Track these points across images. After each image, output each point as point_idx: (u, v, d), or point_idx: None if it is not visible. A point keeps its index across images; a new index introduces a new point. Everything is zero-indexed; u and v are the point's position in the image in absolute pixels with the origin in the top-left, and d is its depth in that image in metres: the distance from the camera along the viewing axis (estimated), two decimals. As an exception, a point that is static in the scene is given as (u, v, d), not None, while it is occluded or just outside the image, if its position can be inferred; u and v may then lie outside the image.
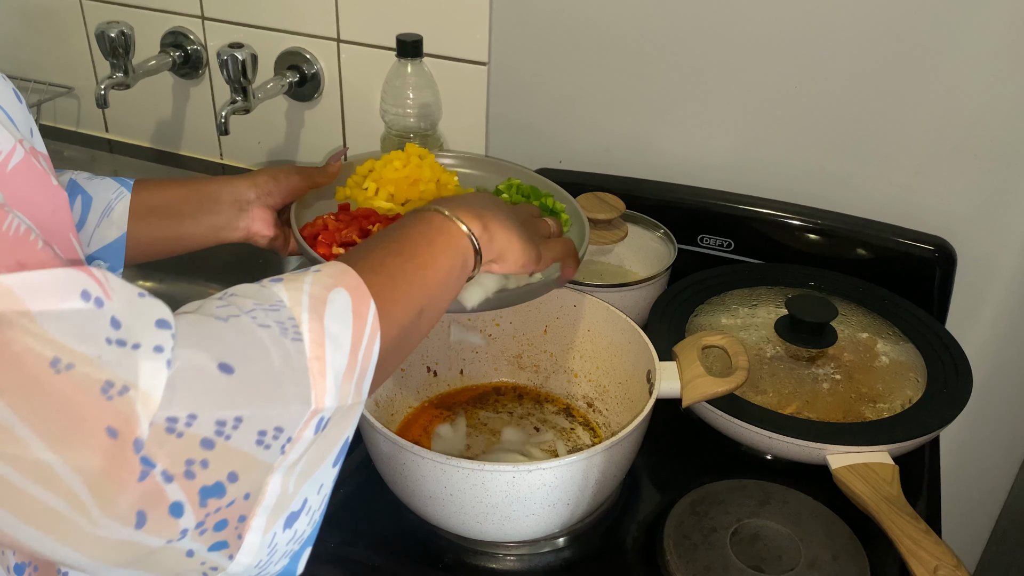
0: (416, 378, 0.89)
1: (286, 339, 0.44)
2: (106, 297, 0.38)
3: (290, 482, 0.44)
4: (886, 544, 0.72)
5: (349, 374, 0.46)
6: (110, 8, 1.25)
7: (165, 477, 0.38)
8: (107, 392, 0.37)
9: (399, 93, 1.04)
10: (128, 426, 0.37)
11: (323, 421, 0.45)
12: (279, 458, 0.42)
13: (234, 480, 0.40)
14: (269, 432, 0.42)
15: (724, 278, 1.00)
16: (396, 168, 0.84)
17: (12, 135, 0.42)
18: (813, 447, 0.79)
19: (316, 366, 0.44)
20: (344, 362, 0.46)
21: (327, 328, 0.46)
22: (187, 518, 0.39)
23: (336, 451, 0.47)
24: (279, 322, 0.44)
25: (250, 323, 0.43)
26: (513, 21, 1.07)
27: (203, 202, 0.75)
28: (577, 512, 0.72)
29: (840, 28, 0.95)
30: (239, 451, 0.40)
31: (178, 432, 0.38)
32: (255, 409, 0.41)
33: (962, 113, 0.95)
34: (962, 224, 1.00)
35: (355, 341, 0.47)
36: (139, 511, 0.38)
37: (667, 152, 1.09)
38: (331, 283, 0.48)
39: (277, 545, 0.44)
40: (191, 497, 0.39)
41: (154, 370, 0.38)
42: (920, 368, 0.88)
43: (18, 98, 0.47)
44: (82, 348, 0.37)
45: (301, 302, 0.46)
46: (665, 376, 0.77)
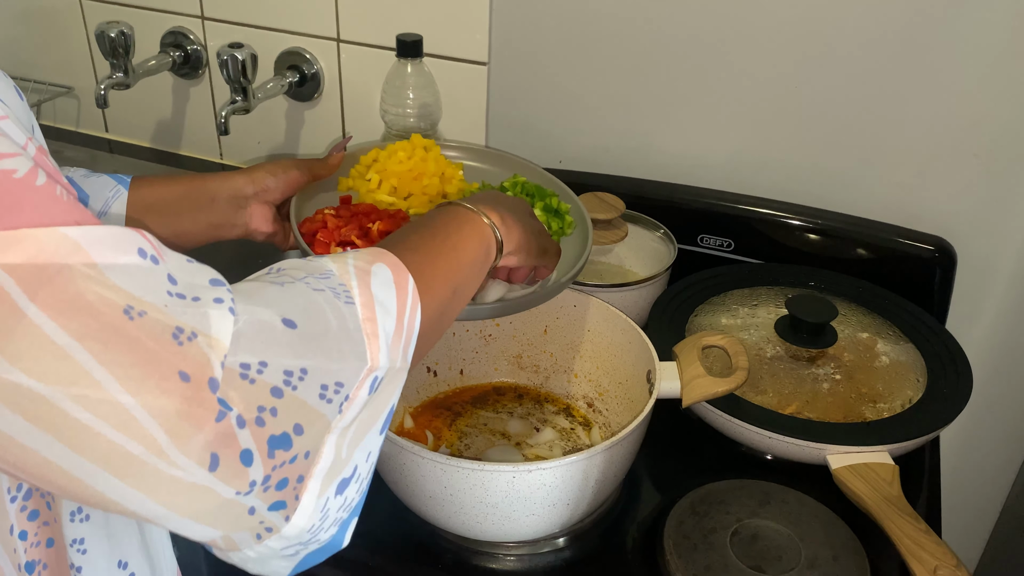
0: (416, 378, 0.89)
1: (339, 302, 0.46)
2: (160, 257, 0.40)
3: (344, 445, 0.44)
4: (886, 544, 0.72)
5: (397, 338, 0.48)
6: (110, 8, 1.25)
7: (238, 421, 0.39)
8: (178, 338, 0.38)
9: (399, 93, 1.04)
10: (200, 369, 0.38)
11: (377, 380, 0.46)
12: (337, 417, 0.43)
13: (299, 432, 0.41)
14: (331, 386, 0.43)
15: (724, 278, 1.00)
16: (400, 160, 0.84)
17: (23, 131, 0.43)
18: (813, 447, 0.79)
19: (369, 327, 0.46)
20: (393, 326, 0.48)
21: (375, 294, 0.48)
22: (256, 468, 0.40)
23: (383, 418, 0.48)
24: (331, 287, 0.46)
25: (305, 288, 0.45)
26: (513, 21, 1.07)
27: (200, 199, 0.75)
28: (577, 512, 0.72)
29: (840, 28, 0.95)
30: (304, 402, 0.41)
31: (251, 378, 0.39)
32: (318, 362, 0.43)
33: (962, 113, 0.95)
34: (962, 224, 1.00)
35: (400, 308, 0.49)
36: (213, 453, 0.38)
37: (667, 152, 1.09)
38: (372, 259, 0.50)
39: (329, 510, 0.45)
40: (260, 446, 0.40)
41: (220, 317, 0.40)
42: (920, 368, 0.88)
43: (20, 96, 0.48)
44: (150, 298, 0.38)
45: (348, 271, 0.48)
46: (665, 376, 0.77)
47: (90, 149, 1.36)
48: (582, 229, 0.82)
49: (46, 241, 0.36)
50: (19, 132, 0.42)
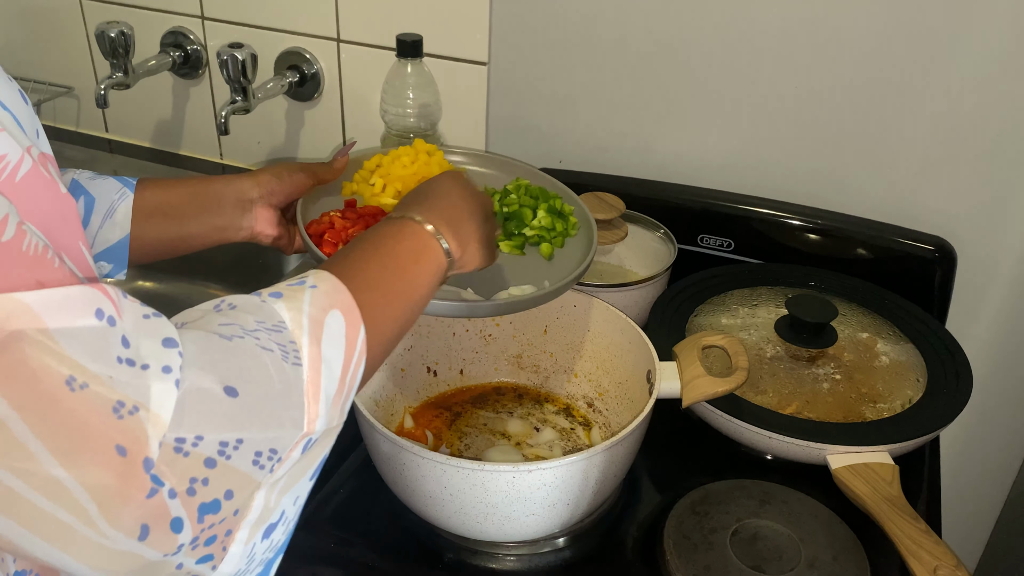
0: (416, 378, 0.89)
1: (287, 364, 0.45)
2: (117, 316, 0.40)
3: (272, 496, 0.45)
4: (886, 544, 0.72)
5: (338, 398, 0.48)
6: (110, 8, 1.25)
7: (170, 494, 0.39)
8: (118, 412, 0.38)
9: (399, 93, 1.04)
10: (137, 445, 0.38)
11: (310, 442, 0.46)
12: (268, 476, 0.44)
13: (229, 497, 0.42)
14: (264, 453, 0.43)
15: (724, 278, 1.00)
16: (404, 164, 0.84)
17: (20, 144, 0.43)
18: (813, 447, 0.79)
19: (311, 391, 0.46)
20: (335, 387, 0.48)
21: (324, 353, 0.47)
22: (185, 533, 0.40)
23: (315, 467, 0.48)
24: (281, 345, 0.46)
25: (254, 346, 0.44)
26: (513, 21, 1.07)
27: (206, 202, 0.75)
28: (577, 512, 0.72)
29: (840, 28, 0.95)
30: (237, 470, 0.42)
31: (185, 451, 0.40)
32: (255, 431, 0.43)
33: (962, 114, 0.95)
34: (962, 224, 1.00)
35: (345, 366, 0.49)
36: (143, 524, 0.39)
37: (667, 152, 1.09)
38: (328, 304, 0.49)
39: (255, 554, 0.46)
40: (191, 513, 0.40)
41: (164, 391, 0.39)
42: (920, 368, 0.88)
43: (24, 99, 0.48)
44: (95, 367, 0.38)
45: (302, 325, 0.47)
46: (665, 376, 0.77)
47: (90, 149, 1.36)
48: (586, 230, 0.82)
49: (0, 307, 0.36)
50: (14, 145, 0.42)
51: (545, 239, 0.81)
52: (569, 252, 0.80)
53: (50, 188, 0.44)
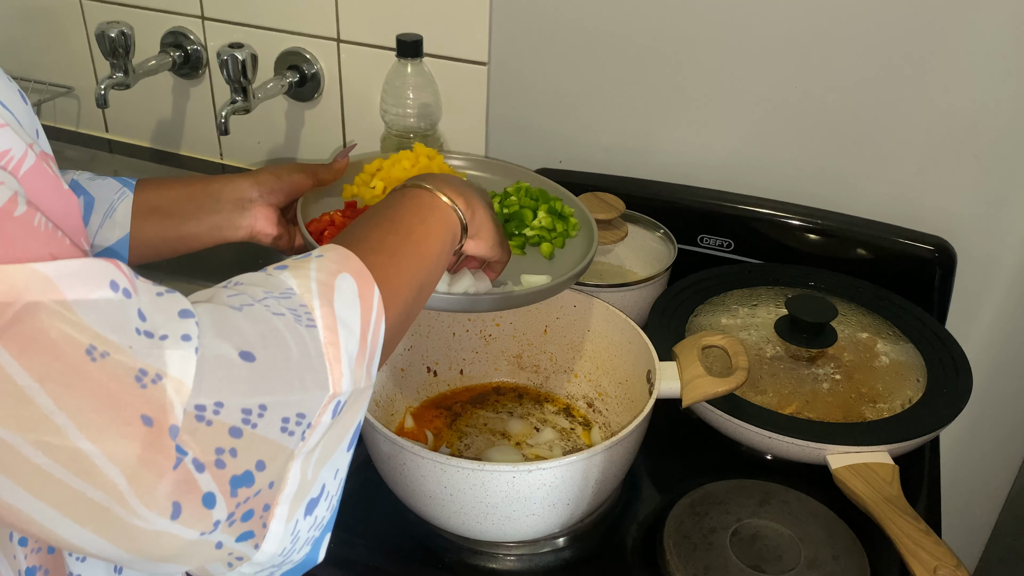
0: (416, 378, 0.89)
1: (300, 326, 0.44)
2: (132, 291, 0.39)
3: (309, 468, 0.44)
4: (886, 544, 0.72)
5: (360, 358, 0.47)
6: (110, 8, 1.25)
7: (196, 466, 0.38)
8: (141, 380, 0.37)
9: (399, 93, 1.04)
10: (163, 413, 0.37)
11: (340, 405, 0.45)
12: (300, 444, 0.43)
13: (262, 469, 0.41)
14: (292, 418, 0.42)
15: (724, 278, 1.00)
16: (404, 168, 0.84)
17: (23, 139, 0.43)
18: (813, 447, 0.79)
19: (331, 351, 0.45)
20: (356, 346, 0.47)
21: (338, 314, 0.46)
22: (219, 509, 0.39)
23: (350, 435, 0.47)
24: (292, 309, 0.45)
25: (264, 311, 0.44)
26: (513, 21, 1.07)
27: (205, 201, 0.75)
28: (577, 512, 0.72)
29: (840, 28, 0.95)
30: (265, 439, 0.41)
31: (207, 420, 0.39)
32: (278, 396, 0.42)
33: (962, 113, 0.95)
34: (962, 224, 1.00)
35: (364, 325, 0.48)
36: (175, 501, 0.38)
37: (667, 152, 1.09)
38: (336, 268, 0.48)
39: (299, 532, 0.45)
40: (222, 487, 0.39)
41: (184, 358, 0.39)
42: (920, 368, 0.88)
43: (23, 99, 0.48)
44: (115, 337, 0.37)
45: (310, 289, 0.46)
46: (665, 376, 0.77)
47: (90, 149, 1.36)
48: (587, 230, 0.83)
49: (17, 277, 0.36)
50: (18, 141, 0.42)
51: (546, 239, 0.81)
52: (569, 252, 0.80)
53: (52, 184, 0.44)
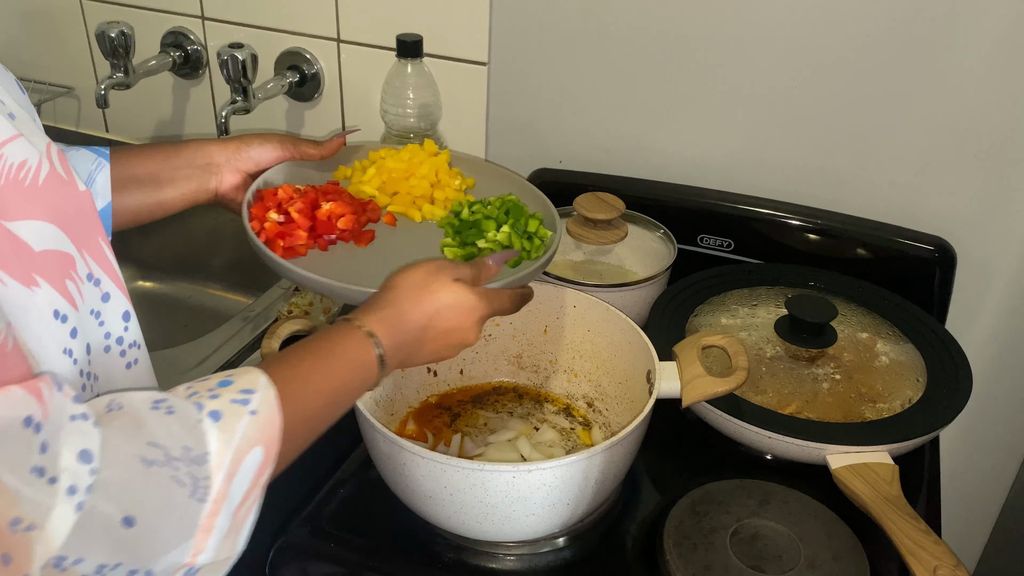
0: (416, 378, 0.89)
1: (193, 499, 0.46)
2: (44, 420, 0.41)
3: None
4: (886, 544, 0.72)
5: (230, 533, 0.49)
6: (110, 8, 1.25)
7: None
8: (14, 527, 0.39)
9: (399, 93, 1.04)
10: (23, 559, 0.39)
11: (193, 571, 0.47)
12: None
13: None
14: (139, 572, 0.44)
15: (724, 278, 1.00)
16: (401, 159, 0.85)
17: (37, 148, 0.44)
18: (813, 447, 0.79)
19: (206, 524, 0.47)
20: (228, 523, 0.49)
21: (231, 491, 0.48)
22: None
23: None
24: (195, 479, 0.46)
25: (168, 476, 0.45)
26: (513, 21, 1.07)
27: (179, 168, 0.76)
28: (577, 512, 0.72)
29: (840, 28, 0.95)
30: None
31: (63, 568, 0.41)
32: (137, 560, 0.44)
33: (962, 113, 0.95)
34: (962, 224, 1.00)
35: (242, 502, 0.49)
36: None
37: (667, 152, 1.09)
38: (257, 438, 0.50)
39: None
40: None
41: (63, 515, 0.41)
42: (920, 368, 0.88)
43: (21, 90, 0.48)
44: (8, 479, 0.39)
45: (223, 463, 0.48)
46: (665, 376, 0.77)
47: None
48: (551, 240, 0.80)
49: None
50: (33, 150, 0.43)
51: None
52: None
53: (68, 187, 0.45)
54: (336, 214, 0.77)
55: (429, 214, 0.82)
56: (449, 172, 0.86)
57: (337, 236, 0.77)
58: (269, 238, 0.74)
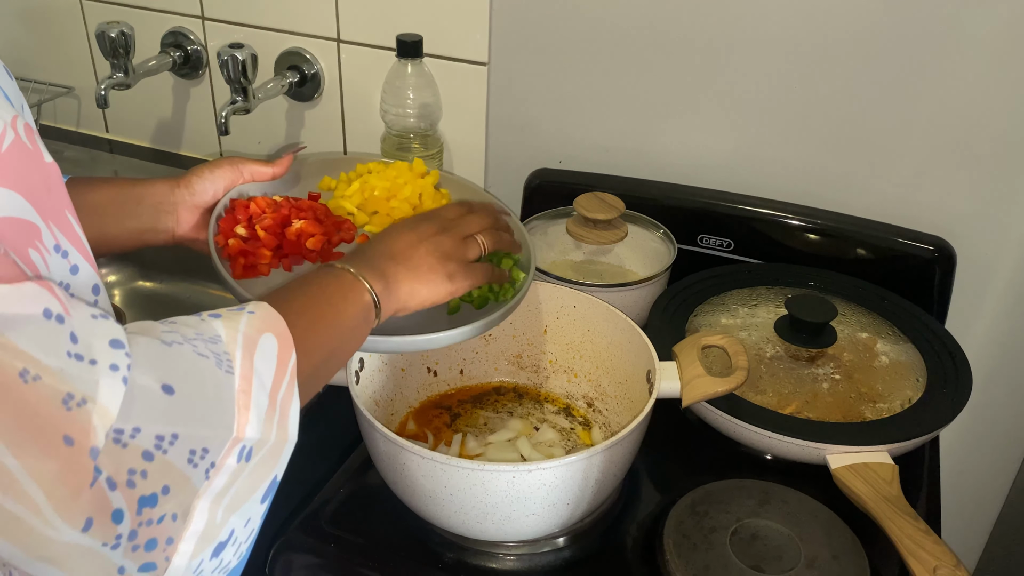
0: (416, 378, 0.89)
1: (220, 371, 0.47)
2: (66, 314, 0.41)
3: (217, 511, 0.46)
4: (886, 544, 0.72)
5: (270, 412, 0.49)
6: (110, 8, 1.25)
7: (109, 484, 0.41)
8: (67, 403, 0.39)
9: (399, 93, 1.04)
10: (84, 436, 0.39)
11: (245, 450, 0.48)
12: (204, 483, 0.45)
13: (166, 493, 0.43)
14: (198, 452, 0.45)
15: (724, 278, 1.00)
16: (387, 176, 0.83)
17: (2, 118, 0.43)
18: (813, 447, 0.79)
19: (242, 399, 0.48)
20: (266, 401, 0.49)
21: (256, 367, 0.49)
22: (124, 524, 0.41)
23: (264, 487, 0.50)
24: (216, 354, 0.48)
25: (191, 352, 0.47)
26: (513, 21, 1.07)
27: (125, 204, 0.74)
28: (577, 512, 0.72)
29: (840, 28, 0.95)
30: (173, 466, 0.43)
31: (123, 443, 0.41)
32: (189, 428, 0.44)
33: (962, 113, 0.95)
34: (962, 224, 1.00)
35: (275, 384, 0.50)
36: (88, 517, 0.40)
37: (667, 152, 1.09)
38: (262, 327, 0.51)
39: (203, 571, 0.47)
40: (130, 505, 0.41)
41: (112, 386, 0.41)
42: (920, 368, 0.88)
43: (7, 74, 0.48)
44: (47, 360, 0.39)
45: (236, 340, 0.49)
46: (665, 376, 0.77)
47: (90, 149, 1.36)
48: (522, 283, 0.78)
49: None
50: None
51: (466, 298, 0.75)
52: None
53: (34, 158, 0.45)
54: (306, 233, 0.75)
55: None
56: (434, 196, 0.84)
57: (304, 257, 0.75)
58: (232, 255, 0.72)
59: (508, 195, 1.17)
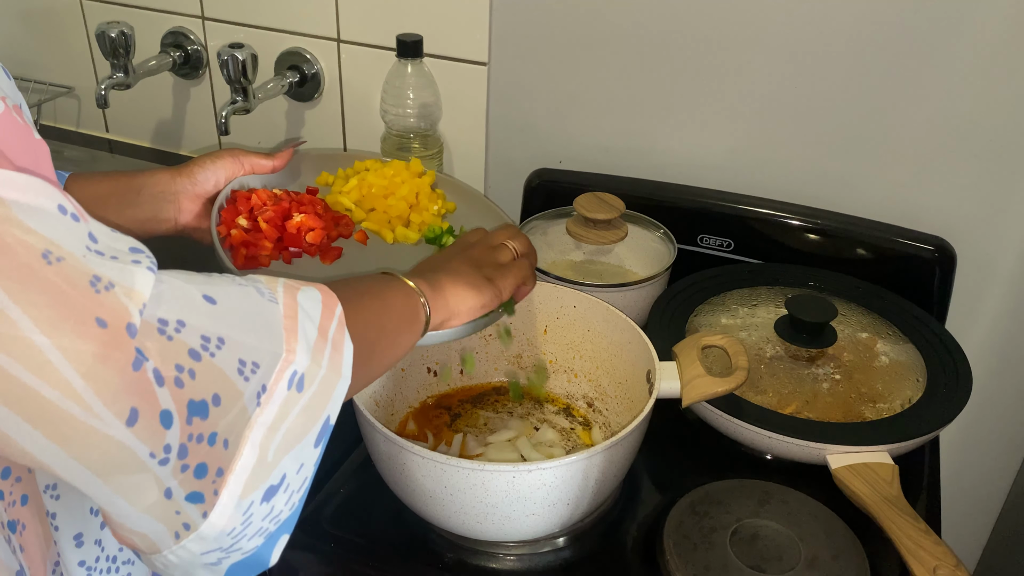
0: (416, 378, 0.89)
1: (263, 299, 0.46)
2: (82, 217, 0.40)
3: (270, 449, 0.44)
4: (886, 544, 0.72)
5: (321, 343, 0.47)
6: (110, 8, 1.25)
7: (156, 376, 0.39)
8: (95, 285, 0.38)
9: (399, 93, 1.04)
10: (117, 316, 0.38)
11: (297, 376, 0.45)
12: (256, 409, 0.43)
13: (218, 403, 0.41)
14: (248, 363, 0.42)
15: (724, 278, 1.00)
16: (384, 175, 0.84)
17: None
18: (813, 447, 0.79)
19: (289, 325, 0.46)
20: (315, 332, 0.47)
21: (300, 302, 0.47)
22: (173, 432, 0.39)
23: (317, 428, 0.47)
24: (257, 288, 0.46)
25: (230, 280, 0.46)
26: (513, 21, 1.07)
27: (127, 194, 0.74)
28: (577, 512, 0.72)
29: (839, 28, 0.95)
30: (222, 372, 0.41)
31: (168, 335, 0.39)
32: (236, 334, 0.42)
33: (962, 113, 0.95)
34: (962, 224, 1.00)
35: (324, 323, 0.48)
36: (132, 407, 0.38)
37: (667, 152, 1.09)
38: (303, 284, 0.50)
39: (252, 517, 0.44)
40: (179, 408, 0.39)
41: (139, 273, 0.40)
42: (920, 368, 0.88)
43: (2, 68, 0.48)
44: (68, 246, 0.38)
45: (277, 282, 0.48)
46: (665, 376, 0.77)
47: (90, 149, 1.36)
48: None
49: None
50: None
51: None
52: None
53: (23, 132, 0.44)
54: (306, 227, 0.75)
55: (402, 237, 0.81)
56: (430, 195, 0.85)
57: (303, 250, 0.76)
58: (233, 245, 0.73)
59: (508, 195, 1.17)
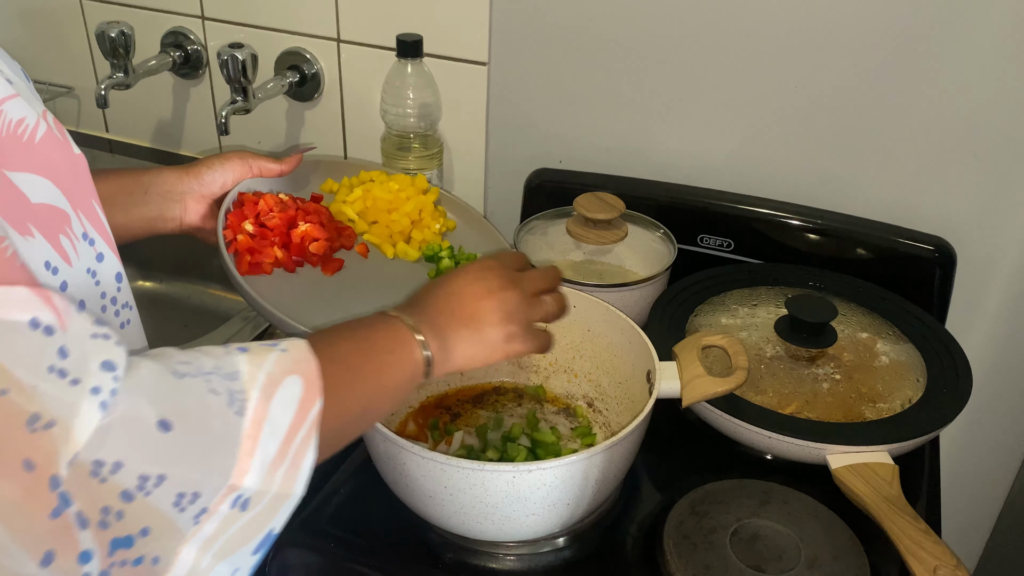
0: (416, 378, 0.89)
1: (230, 411, 0.44)
2: (60, 326, 0.39)
3: (204, 558, 0.43)
4: (886, 544, 0.72)
5: (277, 461, 0.46)
6: (110, 8, 1.25)
7: (80, 520, 0.38)
8: (32, 425, 0.37)
9: (399, 93, 1.04)
10: (46, 461, 0.37)
11: (241, 499, 0.45)
12: (192, 528, 0.42)
13: (146, 535, 0.40)
14: (187, 495, 0.42)
15: (724, 278, 1.00)
16: (388, 189, 0.84)
17: (35, 109, 0.44)
18: (813, 447, 0.79)
19: (247, 444, 0.45)
20: (274, 449, 0.46)
21: (270, 411, 0.46)
22: (93, 565, 0.39)
23: (258, 539, 0.47)
24: (230, 392, 0.45)
25: (202, 387, 0.44)
26: (513, 21, 1.07)
27: (134, 193, 0.74)
28: (577, 512, 0.72)
29: (840, 28, 0.95)
30: (155, 509, 0.40)
31: (102, 477, 0.38)
32: (180, 470, 0.41)
33: (962, 113, 0.95)
34: (962, 224, 1.00)
35: (290, 432, 0.47)
36: (48, 551, 0.37)
37: (667, 152, 1.09)
38: (291, 368, 0.49)
39: None
40: (101, 547, 0.39)
41: (87, 411, 0.38)
42: (920, 368, 0.88)
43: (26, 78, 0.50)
44: (20, 375, 0.37)
45: (256, 379, 0.47)
46: (665, 376, 0.77)
47: (90, 149, 1.36)
48: None
49: None
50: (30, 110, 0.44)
51: None
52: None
53: (64, 148, 0.45)
54: (310, 237, 0.75)
55: (402, 253, 0.82)
56: (433, 213, 0.86)
57: (306, 260, 0.76)
58: (239, 250, 0.73)
59: (508, 195, 1.17)
